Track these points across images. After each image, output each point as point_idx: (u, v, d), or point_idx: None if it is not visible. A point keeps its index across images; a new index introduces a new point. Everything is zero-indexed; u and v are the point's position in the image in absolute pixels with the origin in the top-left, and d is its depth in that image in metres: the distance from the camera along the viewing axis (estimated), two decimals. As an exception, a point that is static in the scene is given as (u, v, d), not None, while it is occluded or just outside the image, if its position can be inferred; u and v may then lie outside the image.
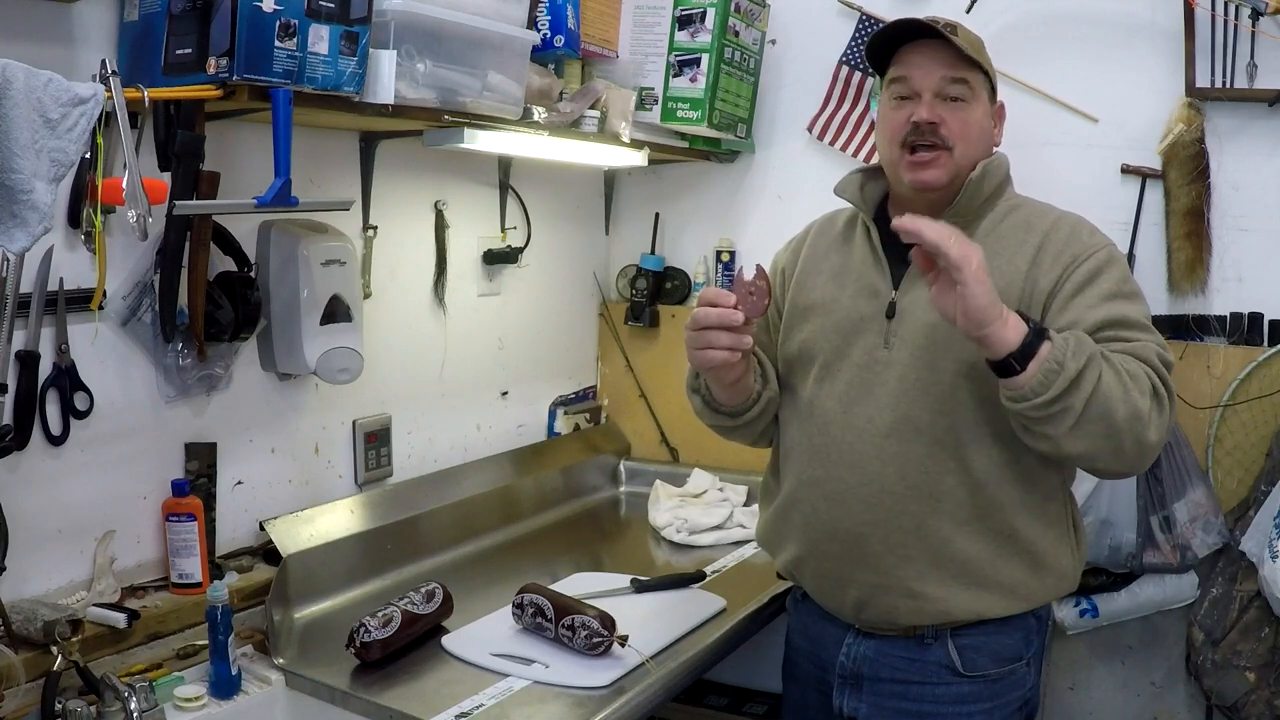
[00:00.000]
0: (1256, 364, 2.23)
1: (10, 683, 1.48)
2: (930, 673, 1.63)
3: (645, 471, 2.84)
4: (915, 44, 1.61)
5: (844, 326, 1.65)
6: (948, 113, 1.58)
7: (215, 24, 1.50)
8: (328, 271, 1.92)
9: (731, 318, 1.50)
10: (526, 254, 2.63)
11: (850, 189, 1.72)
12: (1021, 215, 1.63)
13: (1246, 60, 2.21)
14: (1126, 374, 1.43)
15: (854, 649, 1.69)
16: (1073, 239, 1.59)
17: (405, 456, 2.33)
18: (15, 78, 1.24)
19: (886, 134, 1.63)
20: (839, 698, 1.70)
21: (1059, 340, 1.40)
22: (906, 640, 1.64)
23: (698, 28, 2.46)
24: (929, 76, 1.59)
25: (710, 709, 2.39)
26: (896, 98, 1.62)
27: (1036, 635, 1.69)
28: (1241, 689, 2.14)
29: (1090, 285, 1.53)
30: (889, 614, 1.63)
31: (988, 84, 1.64)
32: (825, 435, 1.64)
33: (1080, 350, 1.40)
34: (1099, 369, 1.40)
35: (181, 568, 1.79)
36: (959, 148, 1.58)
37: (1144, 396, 1.43)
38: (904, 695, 1.65)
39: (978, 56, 1.60)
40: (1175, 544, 2.21)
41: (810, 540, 1.68)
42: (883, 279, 1.65)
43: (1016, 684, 1.67)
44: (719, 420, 1.76)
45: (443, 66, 1.83)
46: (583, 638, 1.72)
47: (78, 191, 1.58)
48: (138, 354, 1.77)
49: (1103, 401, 1.39)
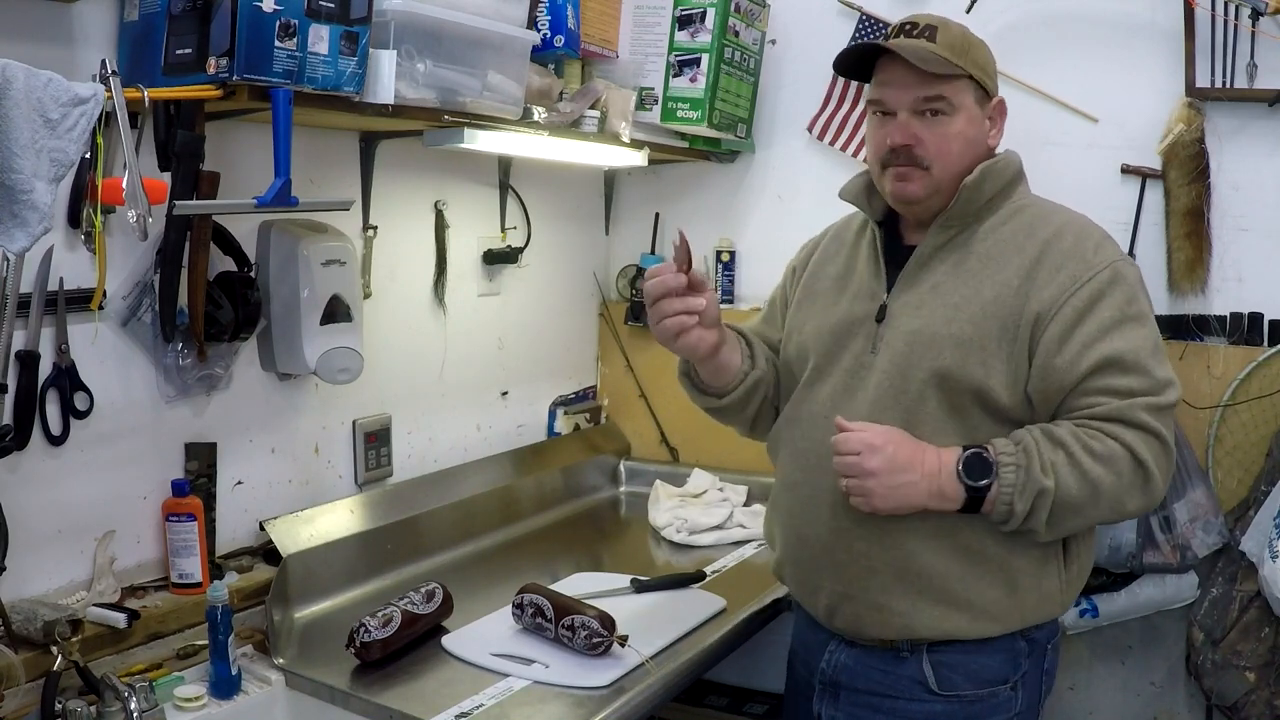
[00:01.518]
0: (1256, 364, 2.23)
1: (10, 683, 1.48)
2: (903, 688, 1.59)
3: (645, 471, 2.84)
4: (889, 57, 1.55)
5: (838, 330, 1.64)
6: (925, 130, 1.54)
7: (215, 24, 1.50)
8: (328, 271, 1.92)
9: (667, 279, 1.55)
10: (526, 254, 2.63)
11: (855, 192, 1.70)
12: (1025, 219, 1.58)
13: (1246, 60, 2.21)
14: (1096, 463, 1.44)
15: (835, 656, 1.67)
16: (1073, 255, 1.52)
17: (405, 456, 2.33)
18: (15, 78, 1.24)
19: (870, 150, 1.63)
20: (818, 704, 1.69)
21: (1006, 476, 1.45)
22: (883, 652, 1.61)
23: (698, 28, 2.46)
24: (903, 95, 1.54)
25: (710, 709, 2.39)
26: (877, 114, 1.60)
27: (1027, 658, 1.60)
28: (1241, 689, 2.14)
29: (1089, 315, 1.48)
30: (855, 623, 1.60)
31: (974, 87, 1.57)
32: (808, 440, 1.63)
33: (1030, 485, 1.44)
34: (1050, 491, 1.44)
35: (181, 568, 1.79)
36: (937, 165, 1.55)
37: (1119, 478, 1.45)
38: (877, 708, 1.62)
39: (960, 62, 1.53)
40: (1175, 544, 2.21)
41: (787, 544, 1.69)
42: (879, 283, 1.63)
43: (997, 708, 1.59)
44: (707, 402, 1.75)
45: (443, 66, 1.83)
46: (583, 638, 1.72)
47: (78, 191, 1.58)
48: (138, 354, 1.77)
49: (1066, 510, 1.46)
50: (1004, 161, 1.61)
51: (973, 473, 1.46)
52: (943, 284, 1.56)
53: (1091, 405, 1.47)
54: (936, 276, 1.58)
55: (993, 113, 1.62)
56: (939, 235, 1.59)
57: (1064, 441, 1.45)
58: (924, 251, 1.59)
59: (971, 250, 1.57)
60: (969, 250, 1.57)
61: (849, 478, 1.49)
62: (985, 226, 1.59)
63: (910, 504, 1.48)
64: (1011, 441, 1.48)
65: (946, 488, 1.47)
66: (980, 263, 1.56)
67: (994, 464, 1.46)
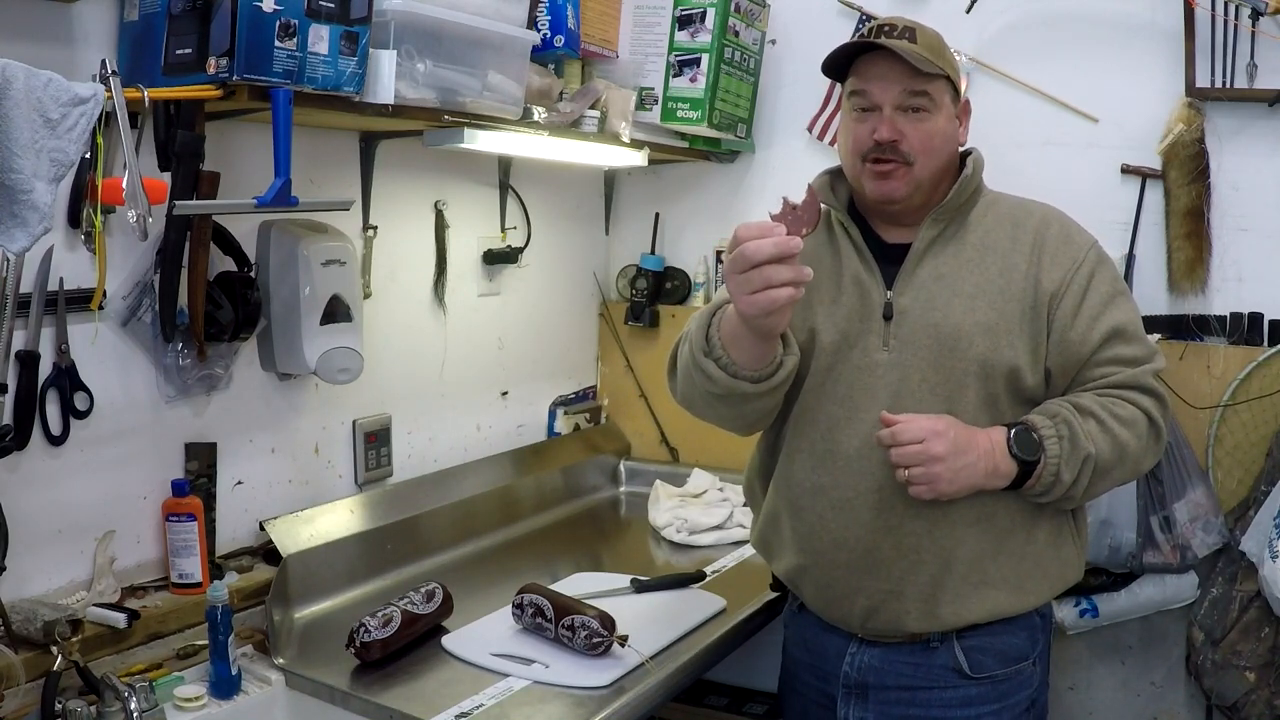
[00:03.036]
0: (1256, 364, 2.23)
1: (10, 683, 1.48)
2: (936, 677, 1.63)
3: (645, 471, 2.84)
4: (873, 54, 1.57)
5: (842, 328, 1.63)
6: (909, 126, 1.57)
7: (215, 24, 1.50)
8: (328, 271, 1.92)
9: (790, 245, 1.38)
10: (526, 254, 2.63)
11: (823, 189, 1.68)
12: (1005, 210, 1.66)
13: (1246, 60, 2.21)
14: (1123, 427, 1.55)
15: (858, 658, 1.67)
16: (1065, 239, 1.63)
17: (405, 456, 2.33)
18: (15, 78, 1.24)
19: (849, 145, 1.63)
20: (844, 708, 1.68)
21: (1052, 448, 1.52)
22: (912, 646, 1.63)
23: (698, 28, 2.46)
24: (888, 90, 1.56)
25: (710, 709, 2.39)
26: (858, 109, 1.61)
27: (1041, 633, 1.70)
28: (1241, 689, 2.14)
29: (1090, 290, 1.59)
30: (897, 621, 1.61)
31: (950, 87, 1.61)
32: (829, 441, 1.62)
33: (1075, 453, 1.52)
34: (1094, 456, 1.53)
35: (181, 568, 1.79)
36: (920, 161, 1.58)
37: (1140, 439, 1.57)
38: (911, 701, 1.64)
39: (939, 62, 1.57)
40: (1175, 544, 2.21)
41: (815, 550, 1.65)
42: (873, 280, 1.63)
43: (1023, 683, 1.66)
44: (738, 387, 1.52)
45: (443, 66, 1.83)
46: (583, 638, 1.72)
47: (78, 191, 1.58)
48: (138, 354, 1.77)
49: (1102, 475, 1.56)
50: (979, 157, 1.69)
51: (1025, 447, 1.52)
52: (947, 275, 1.60)
53: (1106, 375, 1.58)
54: (939, 269, 1.61)
55: (961, 113, 1.67)
56: (932, 228, 1.62)
57: (1092, 410, 1.55)
58: (920, 246, 1.62)
59: (966, 241, 1.62)
60: (964, 242, 1.62)
61: (911, 467, 1.49)
62: (971, 218, 1.65)
63: (970, 485, 1.52)
64: (1046, 416, 1.55)
65: (1001, 465, 1.52)
66: (978, 252, 1.61)
67: (1040, 437, 1.52)
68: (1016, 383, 1.58)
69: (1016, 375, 1.57)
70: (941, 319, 1.57)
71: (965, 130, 1.68)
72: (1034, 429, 1.53)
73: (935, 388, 1.57)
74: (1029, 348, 1.57)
